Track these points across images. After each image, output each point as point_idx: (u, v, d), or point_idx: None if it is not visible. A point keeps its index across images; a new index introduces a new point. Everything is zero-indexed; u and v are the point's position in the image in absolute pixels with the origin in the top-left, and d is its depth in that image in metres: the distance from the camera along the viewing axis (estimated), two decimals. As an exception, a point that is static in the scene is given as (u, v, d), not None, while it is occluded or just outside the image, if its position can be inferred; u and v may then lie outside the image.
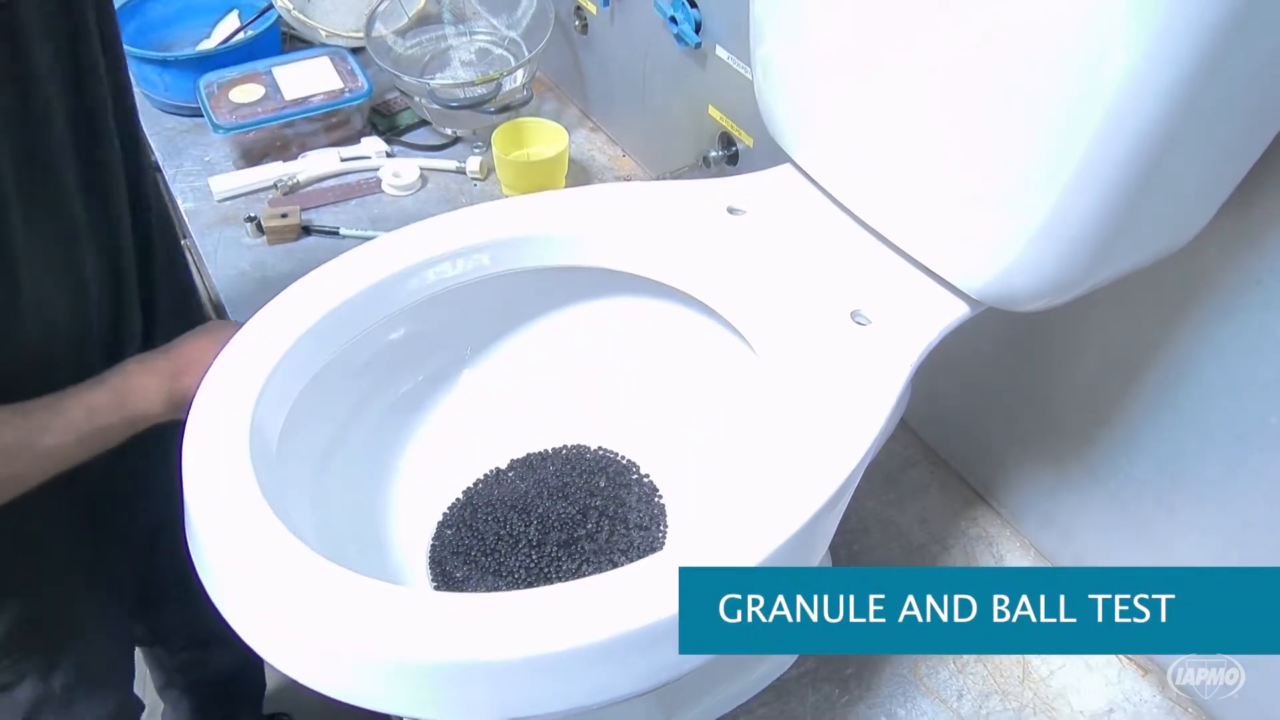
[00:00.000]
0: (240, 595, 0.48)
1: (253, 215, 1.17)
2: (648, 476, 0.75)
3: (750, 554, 0.49)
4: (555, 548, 0.69)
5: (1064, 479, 0.84)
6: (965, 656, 0.82)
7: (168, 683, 1.04)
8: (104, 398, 0.64)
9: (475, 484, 0.75)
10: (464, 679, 0.45)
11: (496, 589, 0.67)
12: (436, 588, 0.68)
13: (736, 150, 1.07)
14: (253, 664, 1.04)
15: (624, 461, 0.76)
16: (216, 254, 1.13)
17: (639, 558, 0.69)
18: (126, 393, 0.63)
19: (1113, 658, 0.82)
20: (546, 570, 0.68)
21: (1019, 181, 0.55)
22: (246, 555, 0.48)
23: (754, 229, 0.71)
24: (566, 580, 0.60)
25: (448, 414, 0.76)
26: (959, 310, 0.65)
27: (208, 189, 1.23)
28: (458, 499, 0.74)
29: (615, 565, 0.69)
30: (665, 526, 0.72)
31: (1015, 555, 0.90)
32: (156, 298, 0.75)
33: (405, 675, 0.45)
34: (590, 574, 0.66)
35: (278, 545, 0.48)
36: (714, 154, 1.09)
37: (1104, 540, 0.82)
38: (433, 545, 0.71)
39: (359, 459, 0.71)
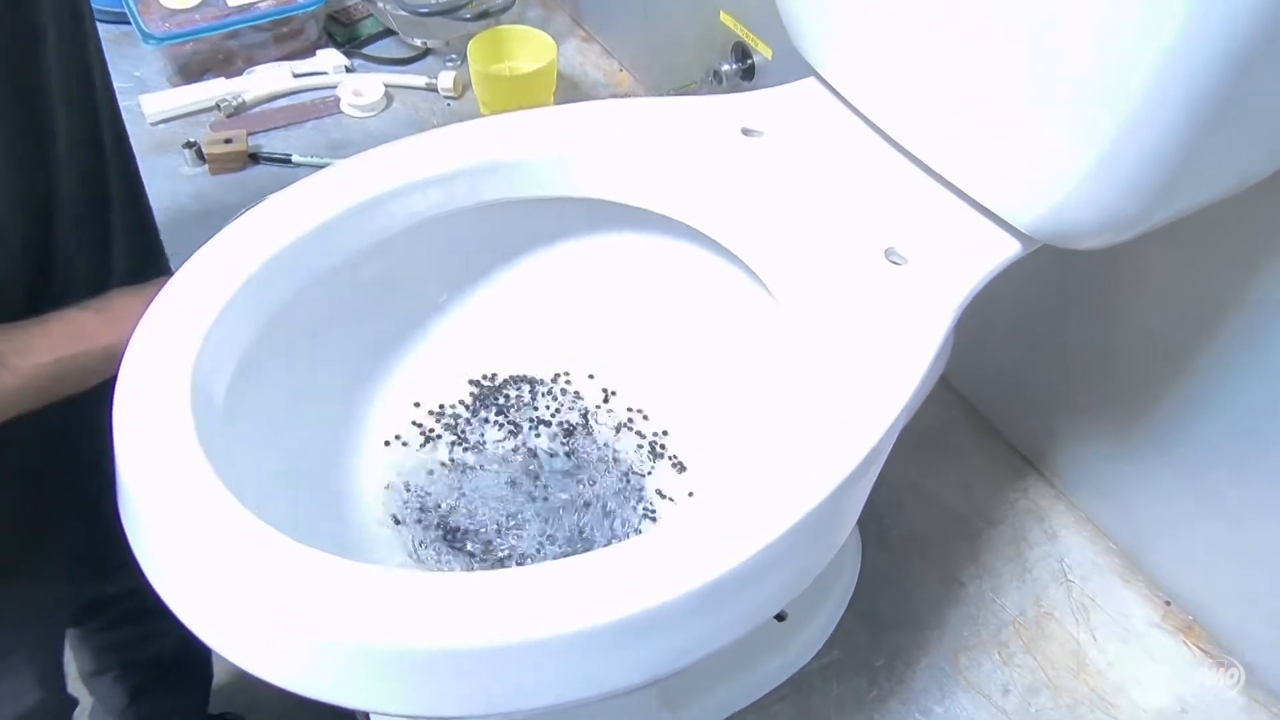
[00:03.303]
0: (179, 571, 0.48)
1: (192, 140, 1.17)
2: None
3: (767, 530, 0.49)
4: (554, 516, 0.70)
5: (1126, 444, 0.84)
6: (1012, 646, 0.83)
7: (97, 668, 1.04)
8: (90, 320, 0.64)
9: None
10: (437, 668, 0.45)
11: (475, 568, 0.68)
12: (410, 567, 0.69)
13: (752, 63, 1.06)
14: (198, 651, 1.04)
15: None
16: (150, 185, 1.10)
17: (640, 529, 0.70)
18: (114, 318, 0.63)
19: (1182, 646, 0.82)
20: (541, 546, 0.69)
21: (1083, 97, 0.55)
22: (187, 526, 0.48)
23: (773, 153, 0.70)
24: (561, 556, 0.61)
25: (421, 368, 0.76)
26: (1009, 248, 0.64)
27: (138, 109, 1.22)
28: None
29: (617, 537, 0.69)
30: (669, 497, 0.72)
31: (1070, 531, 0.90)
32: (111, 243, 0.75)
33: (371, 663, 0.45)
34: (587, 547, 0.66)
35: (223, 514, 0.48)
36: (726, 67, 1.07)
37: (1169, 512, 0.82)
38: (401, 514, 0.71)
39: (318, 419, 0.71)
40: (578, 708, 0.48)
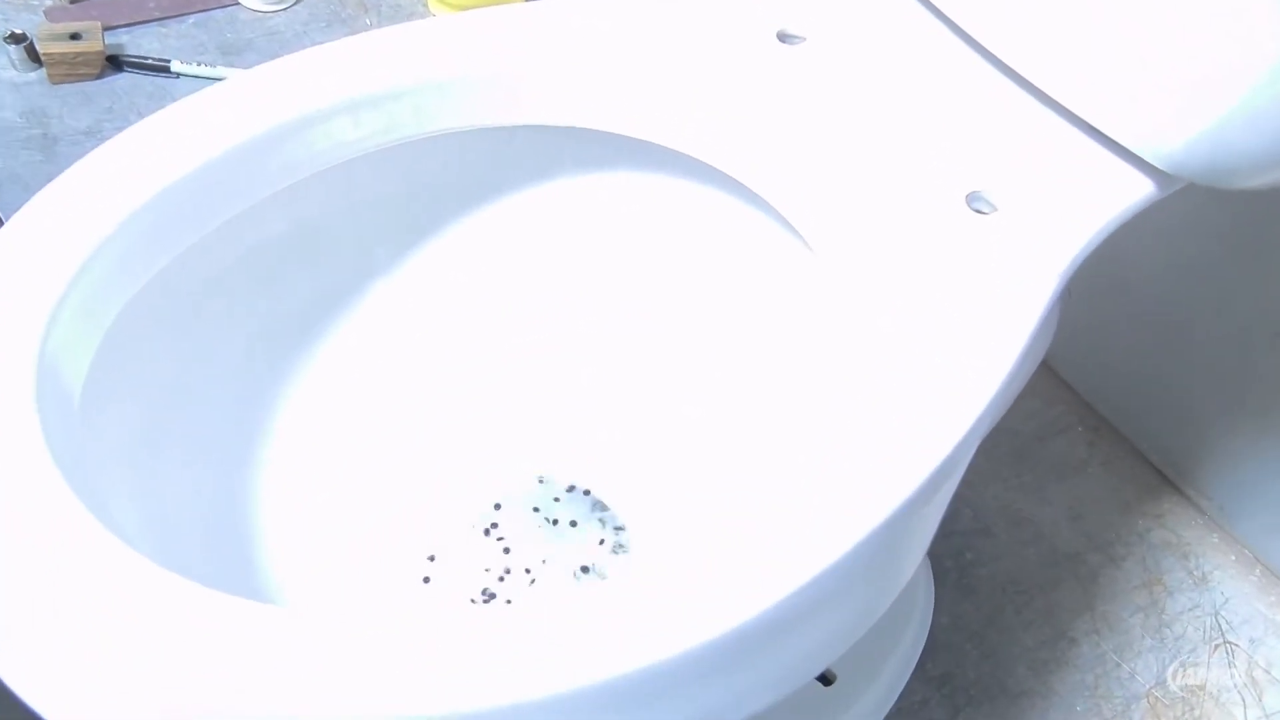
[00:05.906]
0: (12, 617, 0.47)
1: (20, 33, 1.15)
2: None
3: (804, 565, 0.49)
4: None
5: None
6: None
7: None
8: None
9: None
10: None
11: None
12: (321, 606, 0.70)
13: (794, -62, 1.06)
14: None
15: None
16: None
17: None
18: None
19: None
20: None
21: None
22: (25, 555, 0.48)
23: (817, 65, 0.71)
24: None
25: (347, 349, 0.78)
26: (1138, 190, 0.65)
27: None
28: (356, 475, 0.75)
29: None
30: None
31: (1228, 573, 0.90)
32: None
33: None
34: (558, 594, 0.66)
35: (78, 539, 0.48)
36: (759, -56, 1.08)
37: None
38: (319, 543, 0.72)
39: (209, 415, 0.72)
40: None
